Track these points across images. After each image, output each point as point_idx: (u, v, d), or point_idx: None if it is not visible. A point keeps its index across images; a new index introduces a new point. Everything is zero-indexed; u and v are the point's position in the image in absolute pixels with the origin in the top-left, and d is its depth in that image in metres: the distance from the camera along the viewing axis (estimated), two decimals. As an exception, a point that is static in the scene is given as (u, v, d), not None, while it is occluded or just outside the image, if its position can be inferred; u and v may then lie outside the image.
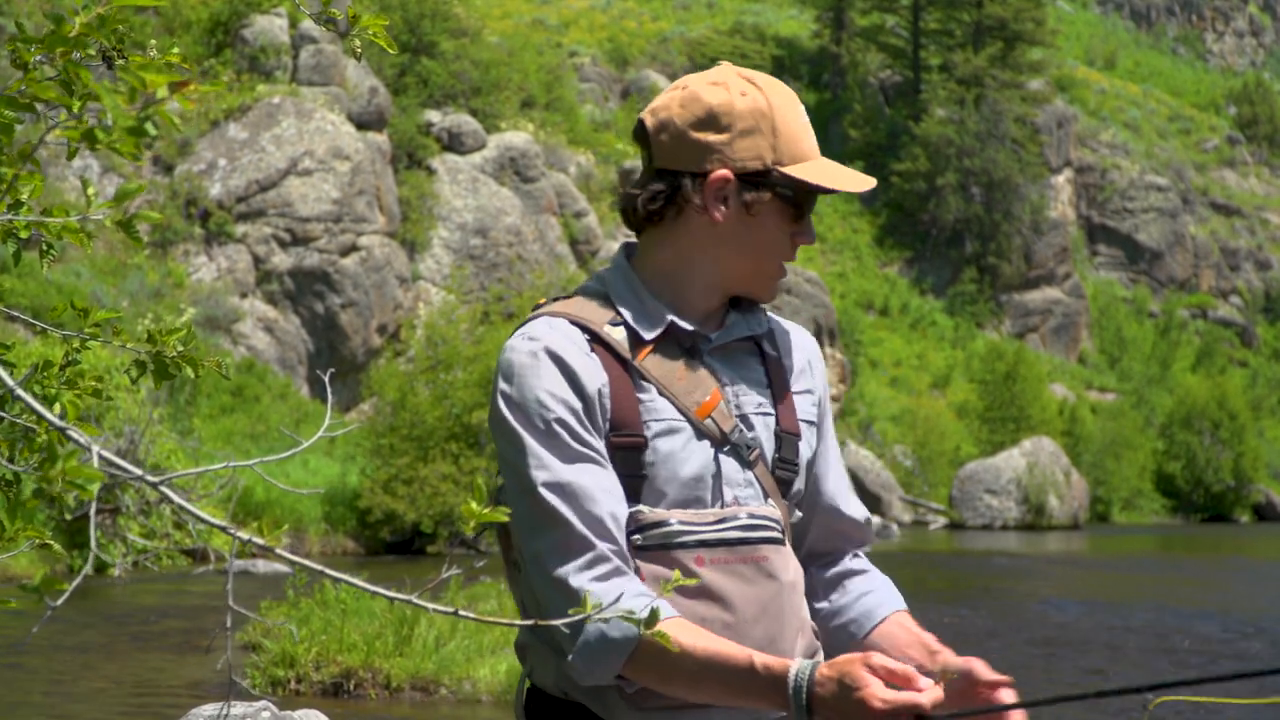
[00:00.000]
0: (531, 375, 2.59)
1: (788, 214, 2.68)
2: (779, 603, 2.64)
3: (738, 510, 2.64)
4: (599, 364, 2.62)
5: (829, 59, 79.53)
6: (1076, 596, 22.42)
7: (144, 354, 2.49)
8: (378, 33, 2.37)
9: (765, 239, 2.69)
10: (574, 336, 2.64)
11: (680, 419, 2.64)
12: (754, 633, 2.59)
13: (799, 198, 2.68)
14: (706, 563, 2.58)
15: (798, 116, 2.69)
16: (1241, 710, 11.37)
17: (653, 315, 2.69)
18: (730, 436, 2.66)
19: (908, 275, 70.79)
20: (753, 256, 2.70)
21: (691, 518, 2.60)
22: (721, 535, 2.60)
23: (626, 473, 2.59)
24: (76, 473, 2.02)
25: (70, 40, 2.06)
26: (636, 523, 2.58)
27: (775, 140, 2.65)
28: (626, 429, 2.60)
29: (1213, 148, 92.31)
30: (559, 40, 72.23)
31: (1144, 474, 59.92)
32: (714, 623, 2.56)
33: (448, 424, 26.01)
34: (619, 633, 2.47)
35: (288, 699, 11.04)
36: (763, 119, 2.66)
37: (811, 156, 2.69)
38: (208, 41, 38.71)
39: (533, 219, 41.73)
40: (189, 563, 22.27)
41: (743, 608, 2.59)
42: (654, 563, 2.57)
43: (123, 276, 31.41)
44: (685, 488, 2.61)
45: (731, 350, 2.76)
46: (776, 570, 2.65)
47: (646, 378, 2.65)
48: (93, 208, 2.25)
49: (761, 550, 2.63)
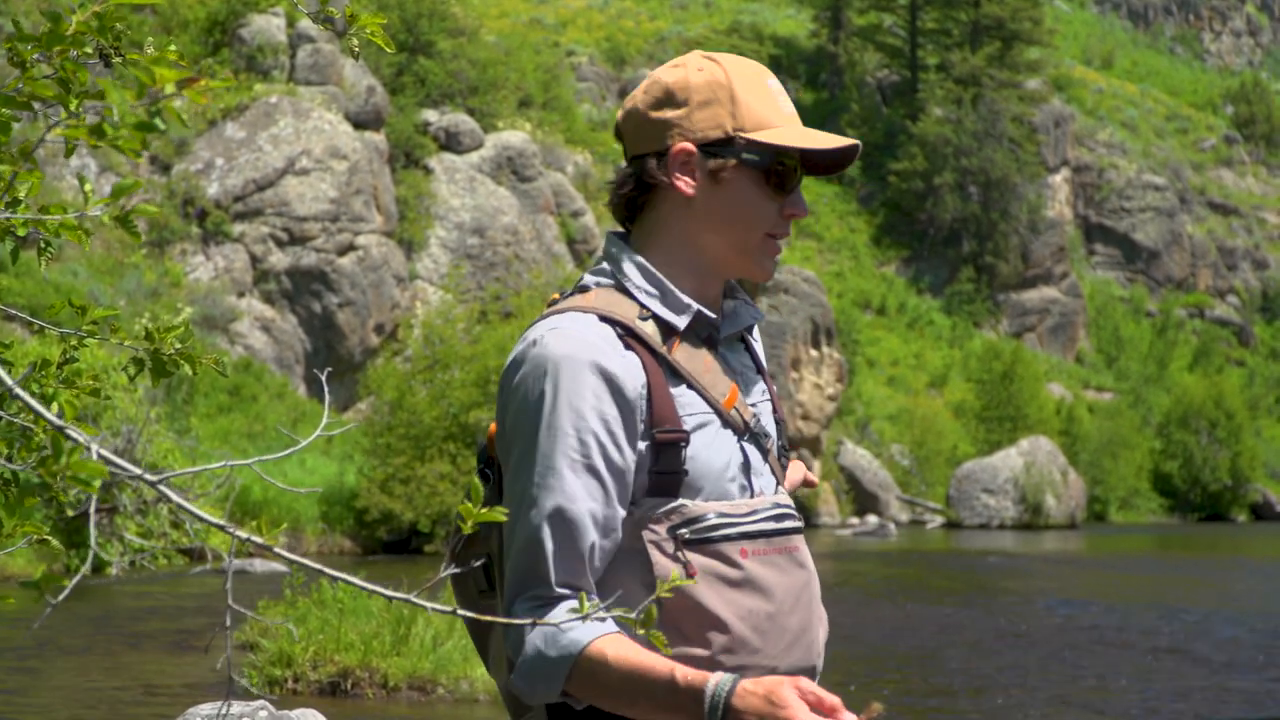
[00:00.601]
0: (569, 379, 2.53)
1: (760, 180, 2.64)
2: (809, 592, 2.66)
3: (766, 500, 2.65)
4: (637, 362, 2.58)
5: (826, 58, 79.54)
6: (1073, 596, 22.43)
7: (141, 352, 2.49)
8: (375, 32, 2.37)
9: (740, 209, 2.65)
10: (607, 334, 2.59)
11: (710, 411, 2.63)
12: (791, 623, 2.61)
13: (770, 164, 2.64)
14: (750, 554, 2.59)
15: (760, 85, 2.67)
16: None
17: (678, 304, 2.66)
18: (751, 426, 2.68)
19: (905, 274, 70.80)
20: (730, 229, 2.66)
21: (728, 509, 2.59)
22: (759, 527, 2.62)
23: (668, 469, 2.57)
24: (80, 467, 2.01)
25: (68, 39, 2.06)
26: (682, 516, 2.56)
27: (734, 108, 2.63)
28: (668, 425, 2.57)
29: (1210, 147, 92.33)
30: (556, 40, 72.23)
31: (1141, 473, 59.94)
32: (758, 614, 2.57)
33: (445, 423, 26.02)
34: (555, 652, 2.47)
35: (285, 698, 11.05)
36: (719, 89, 2.64)
37: (778, 124, 2.65)
38: (205, 40, 38.71)
39: (530, 218, 41.72)
40: (186, 562, 22.28)
41: (782, 598, 2.61)
42: (702, 555, 2.56)
43: (120, 276, 31.40)
44: (719, 480, 2.60)
45: (731, 339, 2.77)
46: (805, 559, 2.68)
47: (678, 371, 2.63)
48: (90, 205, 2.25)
49: (793, 540, 2.67)
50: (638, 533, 2.56)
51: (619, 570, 2.57)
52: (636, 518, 2.56)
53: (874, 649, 15.70)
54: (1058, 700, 12.69)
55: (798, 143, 2.63)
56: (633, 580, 2.56)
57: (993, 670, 14.40)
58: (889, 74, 78.57)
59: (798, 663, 2.61)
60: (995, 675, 14.06)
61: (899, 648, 16.00)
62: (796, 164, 2.66)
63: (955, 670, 14.31)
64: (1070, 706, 12.38)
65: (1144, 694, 13.02)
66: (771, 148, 2.63)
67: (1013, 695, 12.90)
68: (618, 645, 2.47)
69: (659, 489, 2.57)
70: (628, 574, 2.56)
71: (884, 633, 17.22)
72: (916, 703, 12.46)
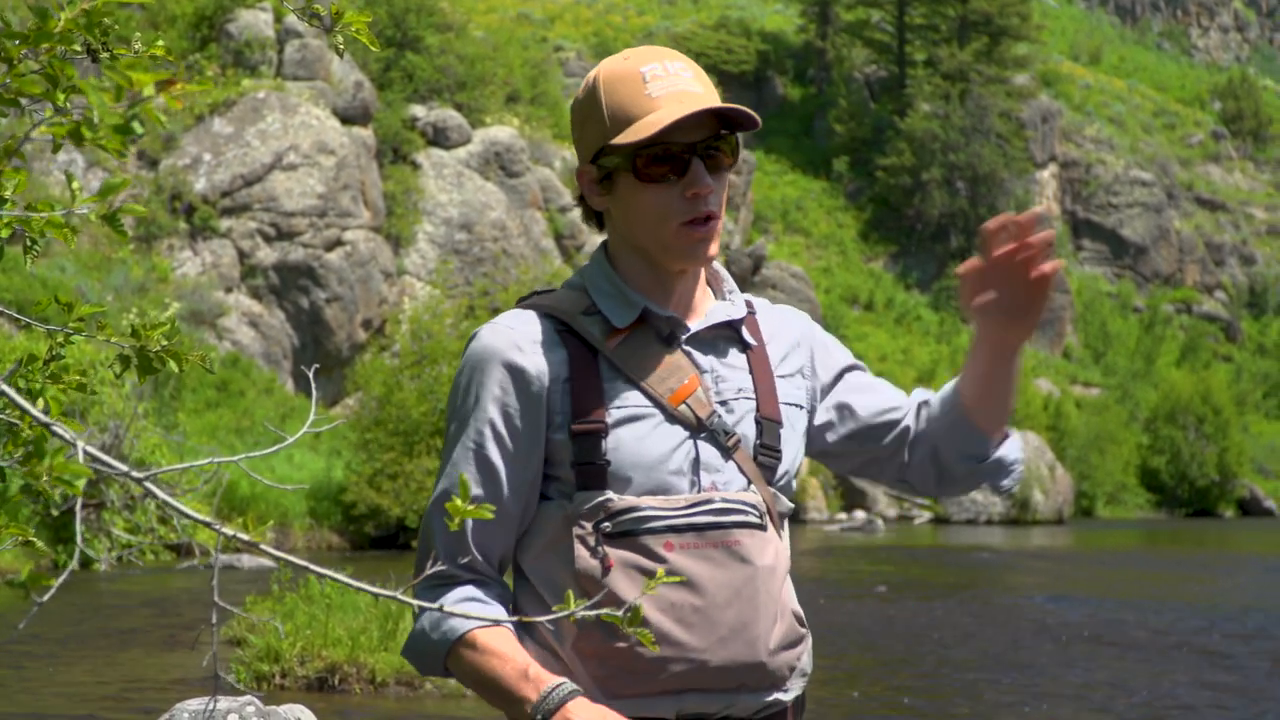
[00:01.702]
0: (480, 373, 2.68)
1: (646, 177, 2.64)
2: (753, 587, 2.63)
3: (713, 495, 2.64)
4: (563, 356, 2.66)
5: (814, 54, 79.64)
6: (1061, 591, 22.46)
7: (128, 349, 2.49)
8: (360, 29, 2.37)
9: (637, 211, 2.66)
10: (539, 329, 2.69)
11: (647, 406, 2.65)
12: (725, 617, 2.61)
13: (636, 162, 2.64)
14: (676, 548, 2.60)
15: (629, 81, 2.66)
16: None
17: (626, 303, 2.70)
18: (707, 423, 2.67)
19: (893, 270, 70.88)
20: (642, 230, 2.67)
21: (661, 504, 2.61)
22: (691, 520, 2.61)
23: (586, 460, 2.62)
24: (64, 469, 2.02)
25: (55, 35, 2.06)
26: (606, 511, 2.60)
27: (603, 118, 2.65)
28: (587, 417, 2.63)
29: (1197, 143, 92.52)
30: (544, 35, 72.23)
31: (1128, 469, 60.03)
32: (683, 607, 2.59)
33: (432, 419, 26.00)
34: (437, 635, 2.63)
35: (272, 694, 11.04)
36: (593, 104, 2.68)
37: (644, 114, 2.63)
38: (193, 36, 38.64)
39: (518, 213, 41.72)
40: (173, 558, 22.26)
41: (714, 592, 2.60)
42: (623, 549, 2.60)
43: (107, 271, 31.36)
44: (653, 474, 2.62)
45: (714, 338, 2.76)
46: (750, 554, 2.64)
47: (616, 365, 2.67)
48: (77, 202, 2.25)
49: (734, 534, 2.63)
50: (568, 528, 2.63)
51: (554, 563, 2.66)
52: (569, 512, 2.63)
53: (861, 645, 15.71)
54: (1046, 695, 12.71)
55: (644, 133, 2.61)
56: (566, 573, 2.63)
57: (980, 665, 14.42)
58: (877, 69, 78.63)
59: (735, 657, 2.62)
60: (983, 671, 14.08)
61: (886, 643, 16.02)
62: (677, 146, 2.63)
63: (943, 666, 14.32)
64: (1058, 701, 12.40)
65: (1130, 689, 13.05)
66: (625, 147, 2.64)
67: (1000, 690, 12.92)
68: (490, 637, 2.59)
69: (584, 481, 2.62)
70: (563, 568, 2.64)
71: (871, 628, 17.24)
72: (904, 698, 12.48)
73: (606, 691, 2.60)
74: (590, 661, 2.61)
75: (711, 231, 2.67)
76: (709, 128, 2.65)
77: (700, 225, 2.65)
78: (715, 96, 2.66)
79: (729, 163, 2.68)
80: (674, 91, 2.63)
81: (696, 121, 2.63)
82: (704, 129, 2.64)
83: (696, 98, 2.62)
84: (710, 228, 2.66)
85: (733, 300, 2.81)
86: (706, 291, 2.81)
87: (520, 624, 2.68)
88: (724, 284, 2.85)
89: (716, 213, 2.67)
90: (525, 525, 2.70)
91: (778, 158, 73.88)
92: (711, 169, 2.65)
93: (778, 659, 2.67)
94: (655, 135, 2.60)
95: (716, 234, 2.69)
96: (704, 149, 2.64)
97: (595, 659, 2.60)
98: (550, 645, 2.64)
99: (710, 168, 2.65)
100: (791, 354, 2.86)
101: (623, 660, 2.59)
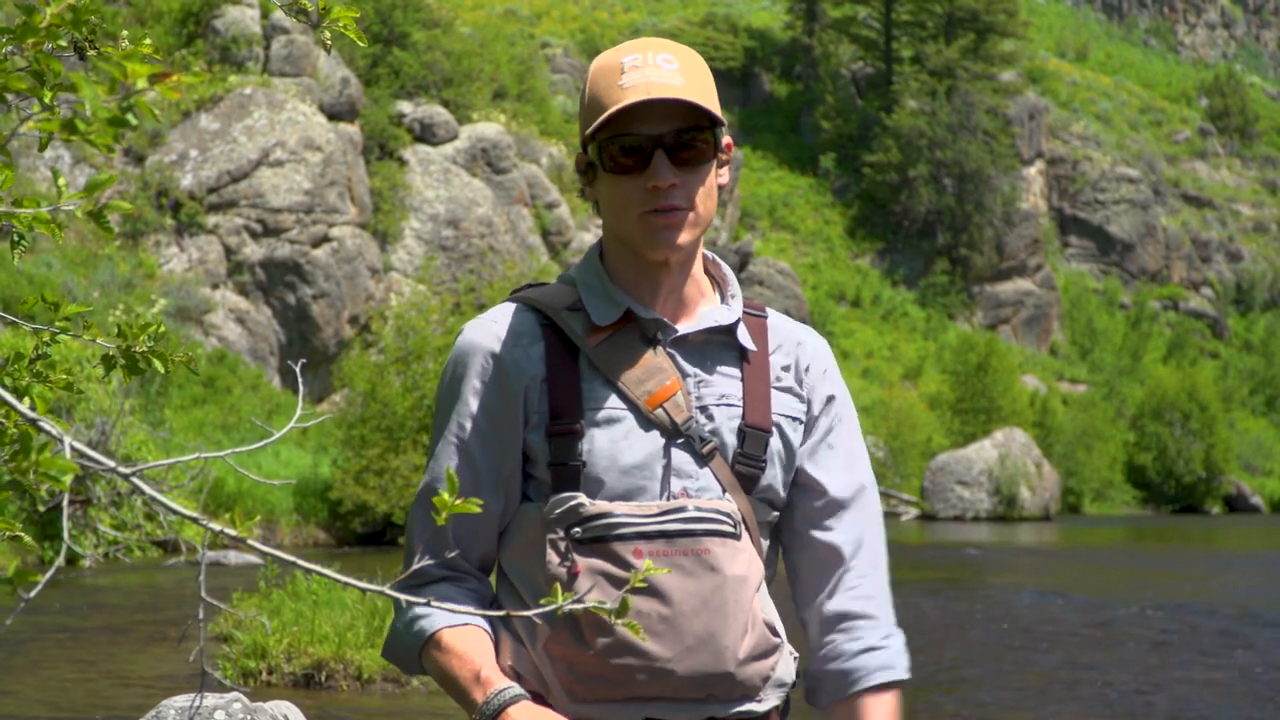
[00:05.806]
0: (462, 367, 2.70)
1: (612, 168, 2.62)
2: (721, 596, 2.59)
3: (685, 502, 2.60)
4: (540, 352, 2.66)
5: (801, 50, 79.64)
6: (1047, 588, 22.49)
7: (113, 349, 2.49)
8: (348, 25, 2.37)
9: (609, 201, 2.65)
10: (522, 324, 2.69)
11: (623, 408, 2.63)
12: (692, 626, 2.57)
13: (610, 150, 2.62)
14: (645, 555, 2.57)
15: (609, 74, 2.63)
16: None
17: (610, 301, 2.67)
18: (683, 428, 2.63)
19: (880, 266, 70.93)
20: (613, 219, 2.66)
21: (634, 510, 2.59)
22: (661, 527, 2.58)
23: (562, 460, 2.61)
24: (50, 464, 2.01)
25: (41, 31, 2.06)
26: (577, 516, 2.59)
27: (586, 113, 2.65)
28: (563, 417, 2.62)
29: (1184, 139, 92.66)
30: (531, 31, 72.23)
31: (1115, 465, 60.10)
32: (650, 615, 2.56)
33: (419, 415, 25.98)
34: (409, 636, 2.67)
35: (259, 690, 11.03)
36: (582, 95, 2.70)
37: (610, 105, 2.60)
38: (179, 32, 38.58)
39: (504, 210, 41.72)
40: (160, 554, 22.23)
41: (680, 601, 2.57)
42: (592, 556, 2.58)
43: (94, 267, 31.32)
44: (626, 478, 2.60)
45: (704, 342, 2.71)
46: (720, 563, 2.60)
47: (595, 365, 2.65)
48: (64, 198, 2.24)
49: (704, 543, 2.59)
50: (544, 532, 2.62)
51: (531, 564, 2.66)
52: (544, 514, 2.63)
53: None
54: (1033, 691, 12.73)
55: (596, 122, 2.60)
56: (541, 574, 2.62)
57: (967, 661, 14.44)
58: (863, 66, 78.69)
59: (701, 667, 2.58)
60: (969, 667, 14.10)
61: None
62: (639, 138, 2.61)
63: (930, 662, 14.33)
64: (1044, 697, 12.42)
65: (1118, 685, 13.07)
66: (594, 138, 2.64)
67: (989, 687, 12.94)
68: (455, 637, 2.62)
69: (559, 483, 2.62)
70: (540, 569, 2.63)
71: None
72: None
73: (573, 696, 2.60)
74: (559, 664, 2.60)
75: (677, 219, 2.61)
76: (681, 119, 2.60)
77: (663, 212, 2.60)
78: (704, 92, 2.61)
79: (708, 156, 2.63)
80: (642, 82, 2.57)
81: (666, 113, 2.59)
82: (674, 121, 2.59)
83: (661, 89, 2.57)
84: (675, 215, 2.60)
85: (731, 304, 2.75)
86: (705, 293, 2.75)
87: (501, 621, 2.69)
88: (729, 287, 2.78)
89: (682, 205, 2.61)
90: (506, 522, 2.70)
91: (764, 154, 73.88)
92: (683, 162, 2.60)
93: (747, 669, 2.63)
94: (602, 124, 2.59)
95: (687, 223, 2.62)
96: (676, 141, 2.60)
97: (563, 662, 2.60)
98: (525, 644, 2.64)
99: (682, 160, 2.60)
100: (794, 371, 2.78)
101: (589, 666, 2.58)
